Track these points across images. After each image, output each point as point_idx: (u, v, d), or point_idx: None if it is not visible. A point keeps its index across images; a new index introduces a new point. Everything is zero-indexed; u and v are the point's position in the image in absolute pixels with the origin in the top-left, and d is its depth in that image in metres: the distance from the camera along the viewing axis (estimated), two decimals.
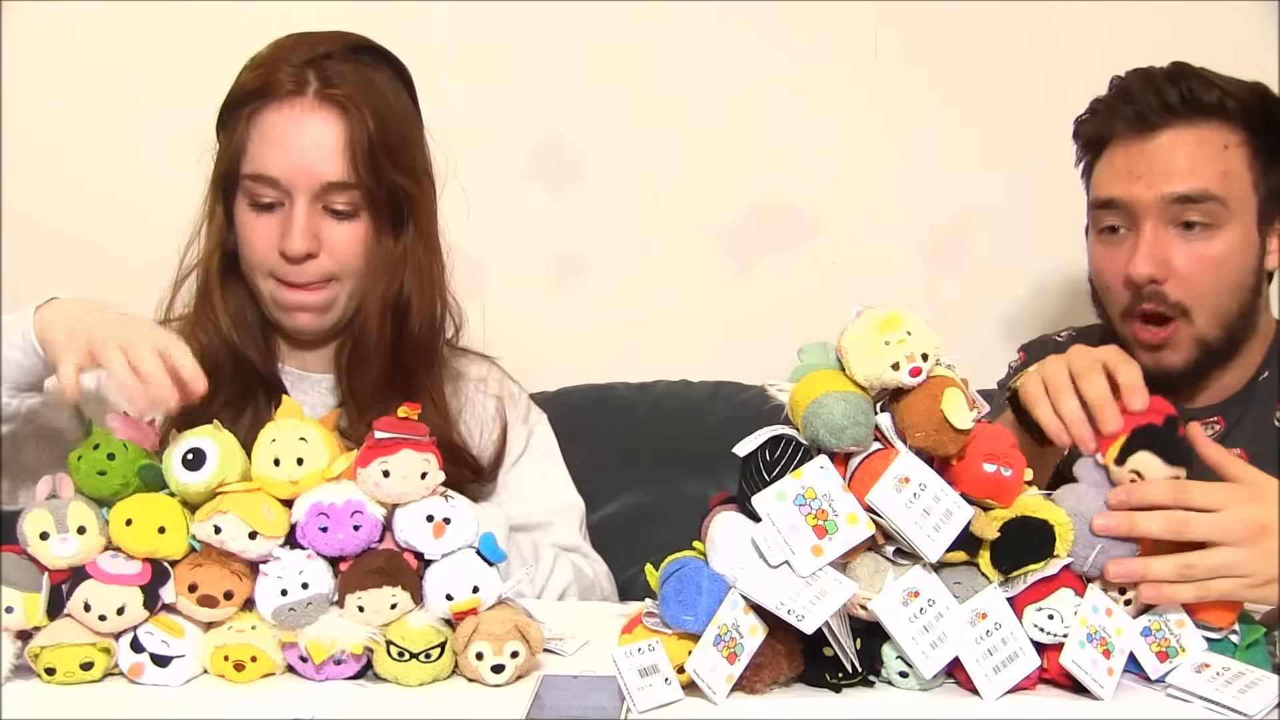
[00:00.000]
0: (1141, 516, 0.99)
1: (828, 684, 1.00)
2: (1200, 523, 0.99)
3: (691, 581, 0.98)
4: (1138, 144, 1.36)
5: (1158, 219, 1.34)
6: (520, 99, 1.92)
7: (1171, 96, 1.35)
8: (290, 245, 1.25)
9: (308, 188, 1.25)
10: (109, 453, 1.00)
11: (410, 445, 1.01)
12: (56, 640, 0.99)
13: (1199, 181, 1.33)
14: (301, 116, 1.25)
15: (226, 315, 1.31)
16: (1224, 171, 1.34)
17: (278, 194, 1.26)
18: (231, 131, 1.28)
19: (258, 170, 1.26)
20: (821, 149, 1.94)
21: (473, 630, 1.00)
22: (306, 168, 1.25)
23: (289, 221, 1.26)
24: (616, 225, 1.96)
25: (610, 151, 1.95)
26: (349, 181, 1.26)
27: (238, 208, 1.29)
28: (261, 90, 1.26)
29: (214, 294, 1.31)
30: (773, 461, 1.00)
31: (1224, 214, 1.34)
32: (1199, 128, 1.35)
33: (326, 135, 1.25)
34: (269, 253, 1.27)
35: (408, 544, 1.02)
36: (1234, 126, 1.35)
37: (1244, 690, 0.96)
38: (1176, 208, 1.34)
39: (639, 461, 1.73)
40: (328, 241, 1.27)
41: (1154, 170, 1.35)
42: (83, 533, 1.00)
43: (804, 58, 1.93)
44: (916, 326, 0.99)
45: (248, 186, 1.27)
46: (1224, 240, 1.35)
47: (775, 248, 1.96)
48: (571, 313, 1.96)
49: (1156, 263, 1.34)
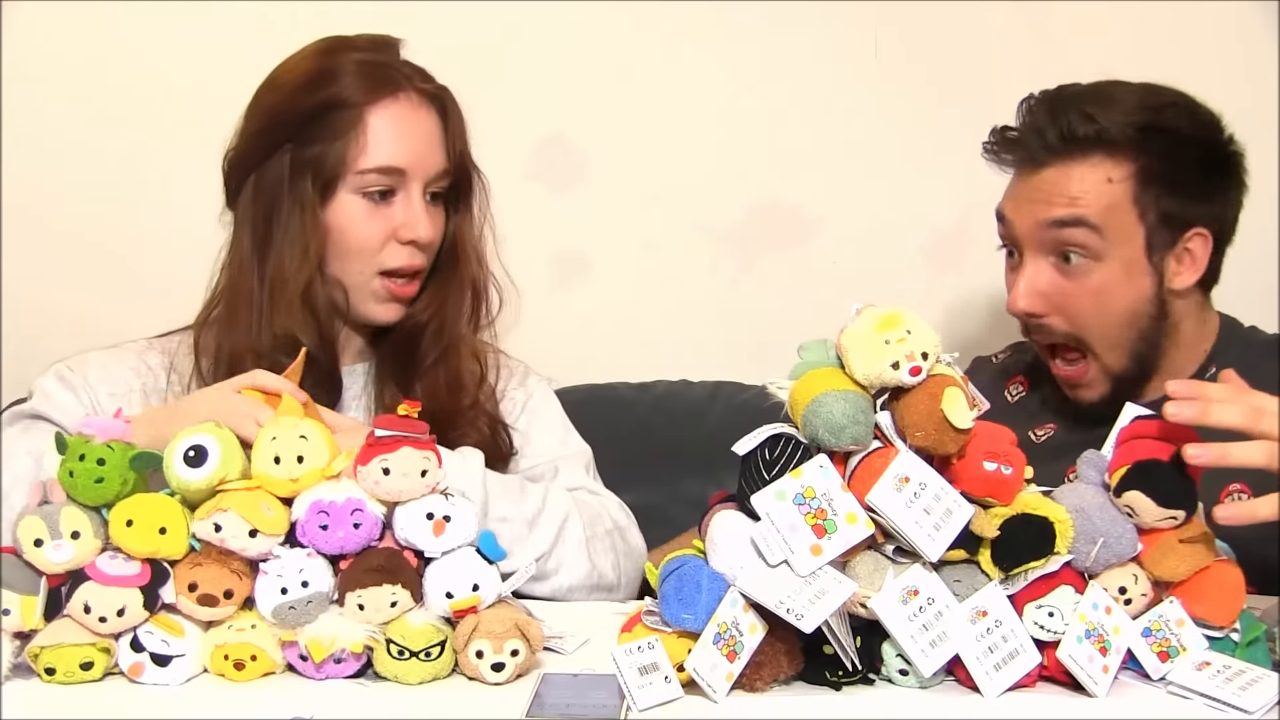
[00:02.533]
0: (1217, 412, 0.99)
1: (828, 682, 1.00)
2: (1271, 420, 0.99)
3: (691, 580, 0.98)
4: (1027, 176, 1.39)
5: (1035, 248, 1.36)
6: (522, 99, 1.92)
7: (1051, 136, 1.35)
8: (420, 232, 1.31)
9: (424, 176, 1.33)
10: (98, 458, 0.99)
11: (410, 443, 1.01)
12: (56, 640, 0.99)
13: (1075, 209, 1.34)
14: (414, 110, 1.33)
15: (325, 310, 1.33)
16: (1106, 205, 1.34)
17: (396, 182, 1.32)
18: (333, 135, 1.29)
19: (384, 163, 1.30)
20: (821, 149, 1.95)
21: (473, 628, 1.00)
22: (424, 156, 1.32)
23: (409, 209, 1.32)
24: (617, 225, 1.96)
25: (612, 151, 1.95)
26: (448, 169, 1.35)
27: (340, 207, 1.31)
28: (367, 91, 1.31)
29: (317, 291, 1.32)
30: (772, 460, 1.00)
31: (1101, 245, 1.34)
32: (1080, 163, 1.34)
33: (434, 126, 1.34)
34: (384, 244, 1.32)
35: (408, 542, 1.02)
36: (1120, 157, 1.34)
37: (1244, 688, 0.96)
38: (1052, 233, 1.34)
39: (639, 461, 1.73)
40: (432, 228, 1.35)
41: (1034, 199, 1.36)
42: (77, 537, 0.99)
43: (804, 58, 1.93)
44: (916, 325, 0.99)
45: (368, 180, 1.31)
46: (1103, 273, 1.34)
47: (775, 248, 1.97)
48: (572, 312, 1.96)
49: (1034, 297, 1.36)
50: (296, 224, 1.30)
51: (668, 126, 1.94)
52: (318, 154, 1.29)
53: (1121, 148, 1.34)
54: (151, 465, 1.01)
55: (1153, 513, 1.00)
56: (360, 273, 1.33)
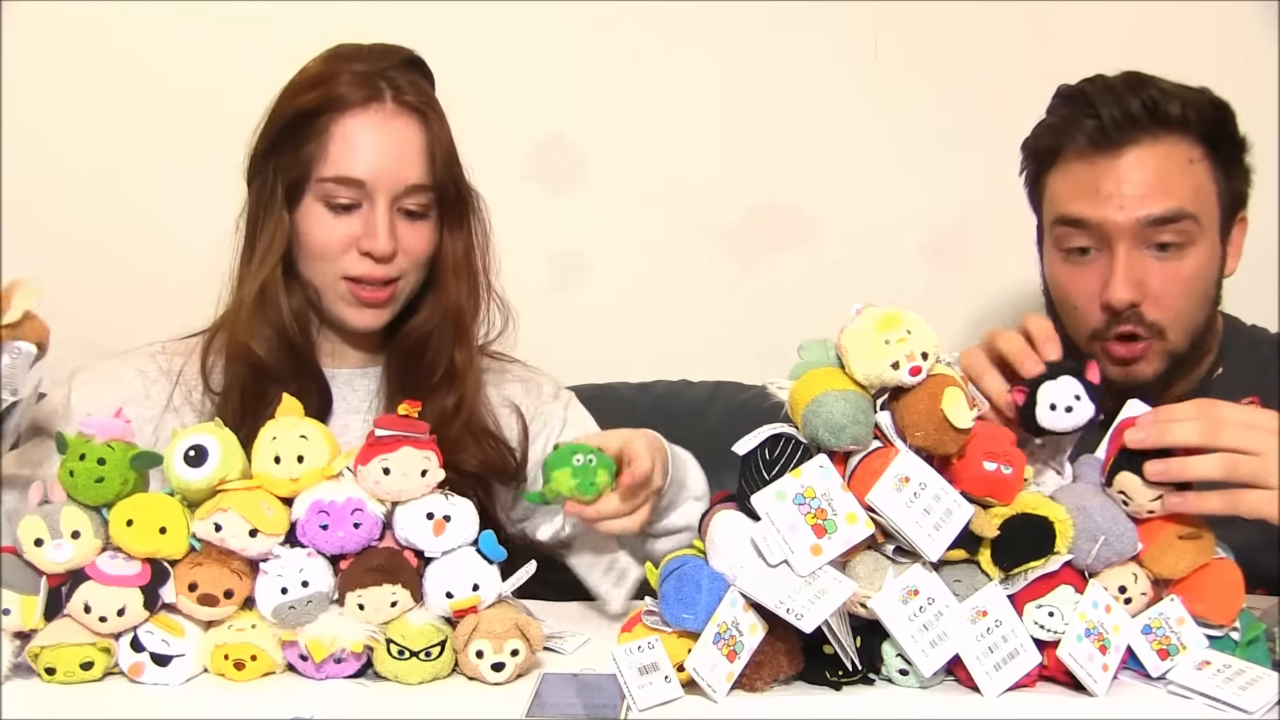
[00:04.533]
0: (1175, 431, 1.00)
1: (828, 682, 1.00)
2: (1231, 433, 1.00)
3: (691, 580, 0.98)
4: (1103, 160, 1.31)
5: (1131, 241, 1.30)
6: (521, 99, 1.93)
7: (1135, 108, 1.29)
8: (378, 245, 1.29)
9: (390, 189, 1.30)
10: (99, 458, 0.99)
11: (410, 443, 1.01)
12: (56, 640, 0.99)
13: (1174, 201, 1.30)
14: (385, 122, 1.30)
15: (290, 314, 1.34)
16: (1194, 188, 1.31)
17: (358, 195, 1.30)
18: (303, 140, 1.30)
19: (342, 173, 1.29)
20: (821, 149, 1.95)
21: (473, 628, 1.00)
22: (390, 170, 1.30)
23: (372, 222, 1.30)
24: (617, 225, 1.96)
25: (611, 152, 1.95)
26: (427, 184, 1.32)
27: (306, 210, 1.31)
28: (339, 99, 1.30)
29: (279, 294, 1.33)
30: (772, 460, 1.00)
31: (1196, 231, 1.31)
32: (1164, 142, 1.30)
33: (408, 139, 1.31)
34: (345, 251, 1.31)
35: (408, 542, 1.02)
36: (1194, 139, 1.32)
37: (1244, 687, 0.96)
38: (1151, 230, 1.30)
39: None
40: (402, 241, 1.32)
41: (1124, 191, 1.29)
42: (77, 537, 0.99)
43: (804, 58, 1.94)
44: (916, 325, 0.99)
45: (327, 189, 1.30)
46: (1195, 257, 1.32)
47: (775, 248, 1.97)
48: (572, 312, 1.96)
49: (1135, 287, 1.30)
50: (267, 227, 1.32)
51: (667, 126, 1.94)
52: (289, 160, 1.31)
53: (1195, 127, 1.31)
54: (152, 465, 1.01)
55: (1143, 492, 1.01)
56: (325, 275, 1.33)
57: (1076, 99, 1.35)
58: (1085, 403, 1.01)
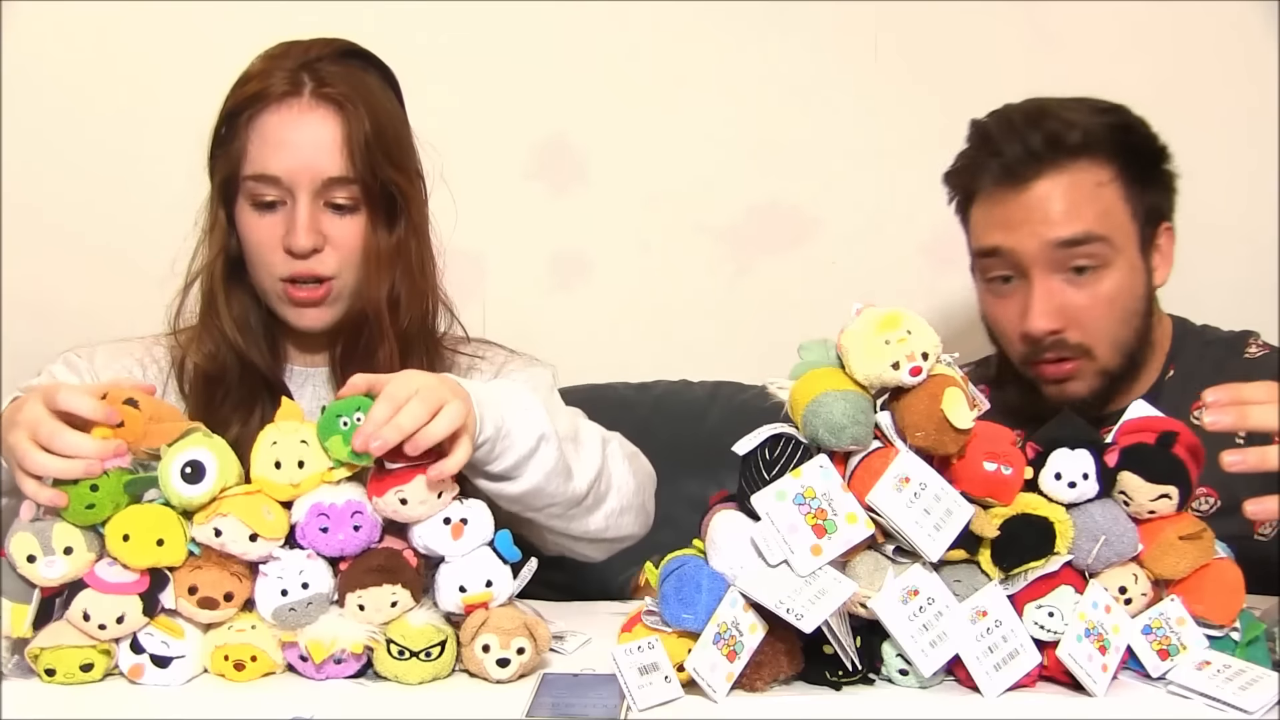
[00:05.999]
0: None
1: (828, 682, 1.00)
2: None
3: (691, 580, 0.98)
4: (1012, 194, 1.34)
5: (1045, 268, 1.32)
6: (522, 99, 1.92)
7: (1036, 144, 1.32)
8: (296, 241, 1.27)
9: (309, 184, 1.28)
10: (91, 484, 0.98)
11: (423, 470, 1.00)
12: (56, 641, 0.99)
13: (1081, 225, 1.31)
14: (300, 116, 1.28)
15: (231, 320, 1.33)
16: (1102, 210, 1.33)
17: (280, 192, 1.28)
18: (230, 139, 1.30)
19: (260, 170, 1.28)
20: (821, 149, 1.94)
21: (481, 622, 1.01)
22: (307, 165, 1.27)
23: (293, 218, 1.28)
24: (617, 225, 1.96)
25: (612, 152, 1.95)
26: (348, 176, 1.29)
27: (240, 211, 1.31)
28: (257, 96, 1.28)
29: (219, 300, 1.32)
30: (772, 460, 1.00)
31: (1109, 252, 1.33)
32: (1069, 170, 1.32)
33: (325, 132, 1.28)
34: (274, 251, 1.29)
35: (428, 549, 1.02)
36: (1102, 161, 1.33)
37: (1244, 687, 0.96)
38: (1062, 253, 1.32)
39: None
40: (331, 236, 1.29)
41: (1033, 219, 1.32)
42: (69, 553, 0.99)
43: (804, 58, 1.93)
44: (916, 325, 0.99)
45: (250, 188, 1.29)
46: (1113, 278, 1.33)
47: (775, 248, 1.97)
48: (572, 312, 1.96)
49: (1053, 315, 1.32)
50: (207, 231, 1.33)
51: (667, 127, 1.94)
52: (221, 160, 1.31)
53: (1102, 149, 1.33)
54: (146, 489, 1.01)
55: (1144, 491, 1.01)
56: (264, 277, 1.32)
57: (983, 138, 1.39)
58: (1090, 483, 1.00)
